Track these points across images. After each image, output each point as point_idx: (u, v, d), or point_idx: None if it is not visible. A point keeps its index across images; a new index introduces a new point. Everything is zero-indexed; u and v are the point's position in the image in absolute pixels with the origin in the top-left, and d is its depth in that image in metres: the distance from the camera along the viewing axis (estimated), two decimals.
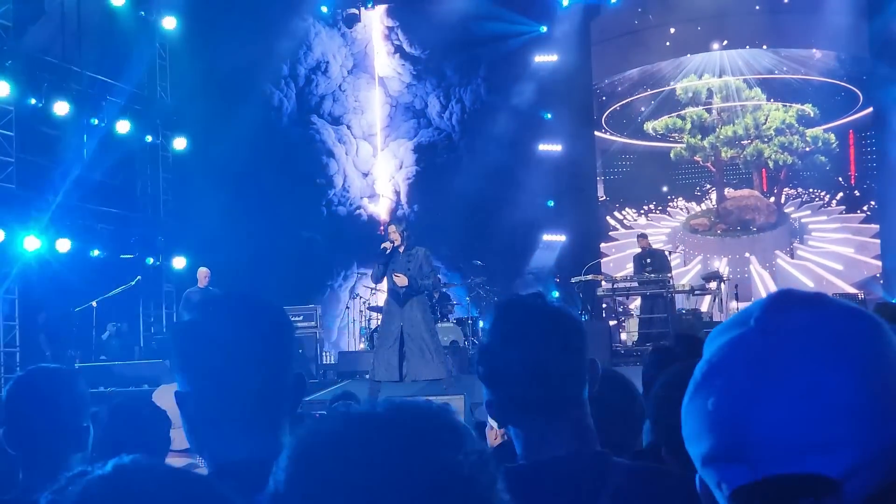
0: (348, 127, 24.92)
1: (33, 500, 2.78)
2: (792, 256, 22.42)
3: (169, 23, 20.95)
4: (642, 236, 18.44)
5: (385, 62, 25.02)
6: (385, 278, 12.34)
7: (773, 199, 22.87)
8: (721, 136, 23.15)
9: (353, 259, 24.41)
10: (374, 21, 25.05)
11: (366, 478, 1.09)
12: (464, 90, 24.01)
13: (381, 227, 24.28)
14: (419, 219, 23.92)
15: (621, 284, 17.90)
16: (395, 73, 24.95)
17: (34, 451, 2.86)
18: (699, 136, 23.30)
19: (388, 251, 12.05)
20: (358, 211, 24.71)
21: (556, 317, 2.23)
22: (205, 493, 1.30)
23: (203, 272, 16.71)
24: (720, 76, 23.18)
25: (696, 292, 18.57)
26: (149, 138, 20.85)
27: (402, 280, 11.94)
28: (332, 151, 24.68)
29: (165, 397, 3.44)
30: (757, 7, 22.61)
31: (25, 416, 2.90)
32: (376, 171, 24.85)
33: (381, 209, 24.66)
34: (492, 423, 5.68)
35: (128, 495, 1.22)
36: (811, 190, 22.57)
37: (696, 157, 23.35)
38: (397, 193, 24.67)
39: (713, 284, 18.27)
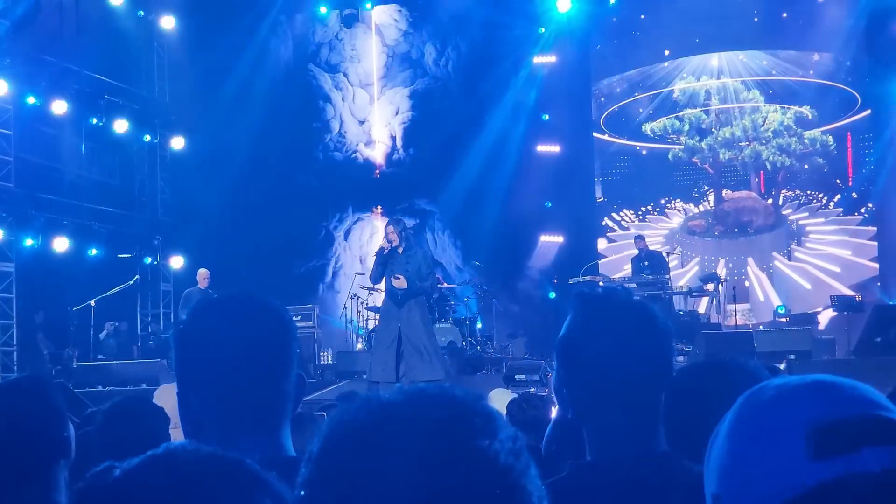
0: (345, 75, 24.92)
1: None
2: (789, 258, 22.43)
3: (167, 22, 20.98)
4: (640, 238, 18.45)
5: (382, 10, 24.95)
6: (383, 279, 12.34)
7: (770, 200, 22.88)
8: (719, 138, 23.16)
9: (349, 202, 24.38)
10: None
11: (399, 468, 1.08)
12: (461, 37, 23.91)
13: (377, 171, 24.33)
14: (413, 162, 24.01)
15: (607, 285, 17.87)
16: (391, 21, 24.93)
17: (10, 464, 2.84)
18: (697, 138, 23.30)
19: (387, 251, 12.03)
20: (354, 155, 24.68)
21: (644, 312, 2.23)
22: (249, 478, 1.30)
23: (203, 273, 16.71)
24: (718, 78, 23.18)
25: (694, 294, 18.59)
26: (147, 137, 20.87)
27: (401, 283, 11.92)
28: (328, 97, 24.65)
29: (166, 396, 3.45)
30: (755, 9, 22.59)
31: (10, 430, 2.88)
32: (373, 118, 24.81)
33: (376, 154, 24.63)
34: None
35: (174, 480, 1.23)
36: (809, 192, 22.58)
37: (694, 159, 23.36)
38: (393, 139, 24.64)
39: (711, 286, 18.29)
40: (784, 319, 19.37)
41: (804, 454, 1.15)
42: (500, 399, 5.59)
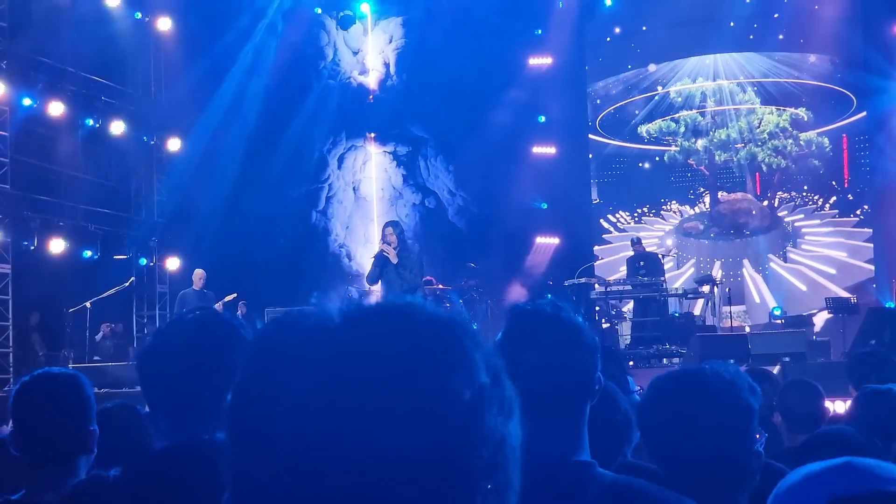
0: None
1: (38, 500, 2.83)
2: (785, 260, 22.47)
3: (163, 24, 20.96)
4: (636, 241, 18.46)
5: None
6: (379, 281, 12.38)
7: (766, 202, 22.92)
8: (715, 140, 23.20)
9: (342, 128, 24.36)
10: None
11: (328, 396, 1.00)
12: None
13: (371, 97, 24.30)
14: (406, 88, 23.99)
15: (614, 287, 17.91)
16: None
17: (39, 453, 2.90)
18: (693, 140, 23.34)
19: (387, 254, 12.10)
20: (348, 80, 24.64)
21: (569, 327, 2.29)
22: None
23: (199, 274, 16.71)
24: (714, 80, 23.22)
25: (690, 296, 18.60)
26: (143, 139, 20.85)
27: (391, 252, 12.03)
28: (323, 24, 24.62)
29: None
30: (751, 11, 22.62)
31: (31, 419, 2.94)
32: (366, 47, 24.75)
33: (370, 80, 24.58)
34: None
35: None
36: (805, 194, 22.61)
37: (690, 161, 23.39)
38: (387, 66, 24.62)
39: (706, 288, 18.30)
40: (779, 321, 19.39)
41: None
42: None
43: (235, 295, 16.95)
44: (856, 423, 4.34)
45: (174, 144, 21.23)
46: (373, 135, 24.20)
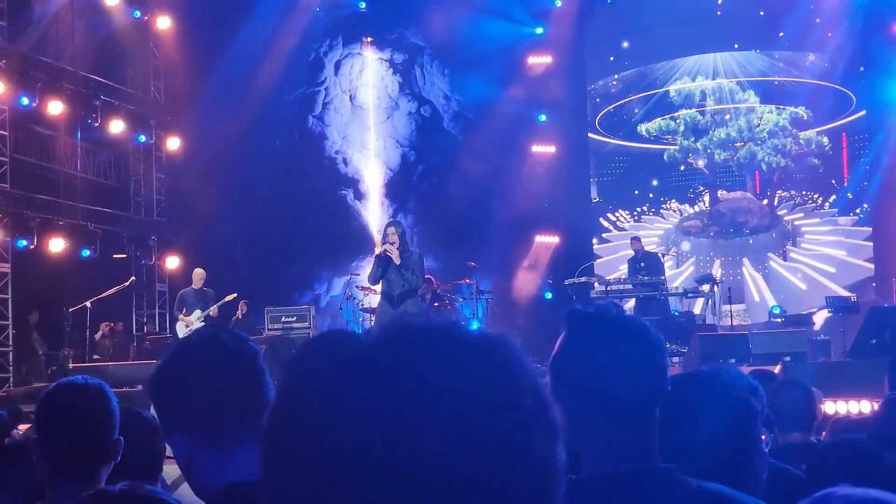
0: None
1: None
2: (785, 259, 22.46)
3: (163, 22, 20.94)
4: (636, 239, 18.46)
5: None
6: (381, 281, 12.39)
7: (766, 201, 22.92)
8: (714, 139, 23.19)
9: (339, 32, 24.35)
10: None
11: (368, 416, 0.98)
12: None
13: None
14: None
15: (615, 286, 17.90)
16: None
17: (62, 462, 2.89)
18: (692, 139, 23.33)
19: (388, 253, 12.10)
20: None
21: (636, 328, 2.24)
22: None
23: (198, 273, 16.71)
24: (714, 78, 23.21)
25: (690, 295, 18.61)
26: (142, 138, 20.84)
27: (394, 253, 12.04)
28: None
29: None
30: (750, 10, 22.62)
31: (55, 428, 2.93)
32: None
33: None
34: None
35: None
36: (804, 192, 22.61)
37: (690, 160, 23.39)
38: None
39: (706, 287, 18.30)
40: (779, 320, 19.37)
41: None
42: None
43: (235, 295, 16.94)
44: (880, 427, 4.26)
45: (173, 143, 21.23)
46: (369, 39, 24.18)
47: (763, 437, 2.63)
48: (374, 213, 24.58)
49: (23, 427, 6.14)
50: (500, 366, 1.04)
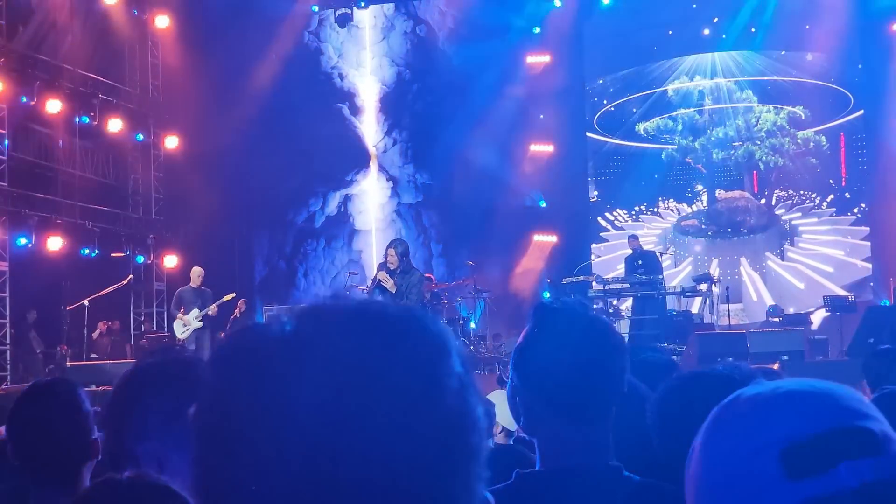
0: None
1: None
2: (783, 258, 22.47)
3: (161, 21, 20.95)
4: (633, 238, 18.47)
5: None
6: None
7: (763, 200, 22.91)
8: (712, 138, 23.19)
9: None
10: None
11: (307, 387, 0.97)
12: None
13: None
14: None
15: (613, 286, 17.92)
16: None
17: (41, 469, 2.88)
18: (690, 138, 23.33)
19: (383, 283, 12.09)
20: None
21: (599, 327, 2.26)
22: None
23: (197, 272, 16.71)
24: (712, 78, 23.21)
25: (687, 294, 18.61)
26: (140, 136, 20.84)
27: (388, 283, 11.99)
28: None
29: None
30: (749, 9, 22.62)
31: (29, 439, 2.91)
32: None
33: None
34: (499, 421, 5.70)
35: None
36: (802, 192, 22.61)
37: (688, 159, 23.38)
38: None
39: (704, 286, 18.31)
40: (777, 319, 19.38)
41: (780, 475, 1.12)
42: (499, 399, 5.54)
43: (234, 294, 16.95)
44: None
45: (172, 142, 21.23)
46: None
47: None
48: (370, 127, 24.90)
49: None
50: (433, 337, 1.05)
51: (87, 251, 18.78)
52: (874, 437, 1.13)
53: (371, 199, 24.97)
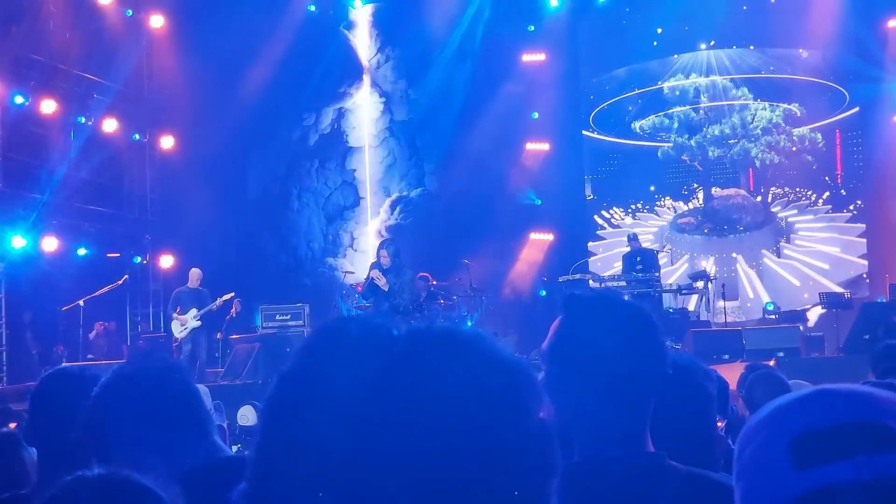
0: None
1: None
2: (779, 255, 22.47)
3: (156, 21, 20.93)
4: (634, 238, 18.46)
5: None
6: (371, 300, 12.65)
7: (759, 198, 22.92)
8: (708, 136, 23.19)
9: None
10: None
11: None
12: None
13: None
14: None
15: (609, 283, 17.93)
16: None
17: (54, 449, 2.87)
18: (686, 136, 23.33)
19: (377, 281, 12.28)
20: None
21: (637, 310, 2.26)
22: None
23: (195, 273, 16.71)
24: (707, 75, 23.21)
25: (684, 291, 18.63)
26: (136, 136, 20.82)
27: (381, 280, 12.13)
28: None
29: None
30: (744, 7, 22.63)
31: (48, 415, 2.91)
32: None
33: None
34: None
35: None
36: (798, 189, 22.61)
37: (684, 157, 23.38)
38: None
39: (700, 284, 18.32)
40: (773, 316, 19.41)
41: (789, 465, 1.16)
42: None
43: (233, 294, 16.95)
44: None
45: (167, 142, 21.22)
46: None
47: (720, 423, 2.65)
48: (363, 42, 24.98)
49: (12, 426, 6.12)
50: (526, 380, 1.17)
51: (82, 251, 18.76)
52: (892, 433, 1.15)
53: (364, 114, 24.97)
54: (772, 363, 12.06)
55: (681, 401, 2.51)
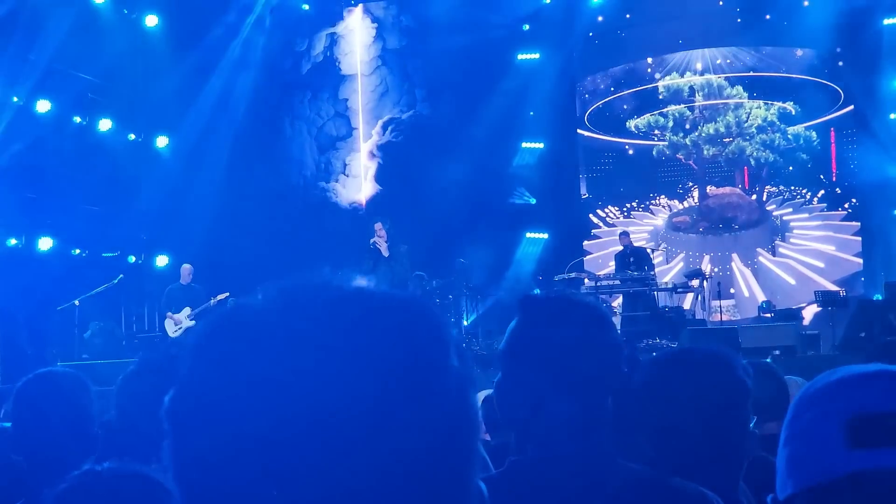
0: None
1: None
2: (774, 254, 22.49)
3: (151, 21, 20.92)
4: (625, 234, 18.48)
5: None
6: (373, 276, 12.58)
7: (754, 196, 22.94)
8: (703, 134, 23.20)
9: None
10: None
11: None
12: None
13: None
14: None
15: (604, 282, 17.94)
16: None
17: (41, 456, 2.78)
18: (681, 134, 23.34)
19: (378, 246, 12.37)
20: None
21: (598, 310, 2.29)
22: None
23: (186, 269, 16.73)
24: (702, 74, 23.22)
25: (679, 290, 18.64)
26: (131, 136, 20.80)
27: (382, 245, 12.28)
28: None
29: None
30: (738, 6, 22.65)
31: (31, 421, 2.82)
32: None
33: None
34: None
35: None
36: (793, 187, 22.63)
37: (679, 155, 23.39)
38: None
39: (695, 282, 18.35)
40: (769, 315, 19.42)
41: (842, 442, 1.17)
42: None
43: (228, 294, 16.94)
44: None
45: (162, 141, 21.20)
46: None
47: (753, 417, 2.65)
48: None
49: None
50: (438, 323, 1.02)
51: (77, 251, 18.74)
52: None
53: (357, 40, 24.92)
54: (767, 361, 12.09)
55: (718, 393, 2.54)
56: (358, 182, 24.61)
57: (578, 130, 24.01)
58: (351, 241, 22.50)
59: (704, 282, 18.36)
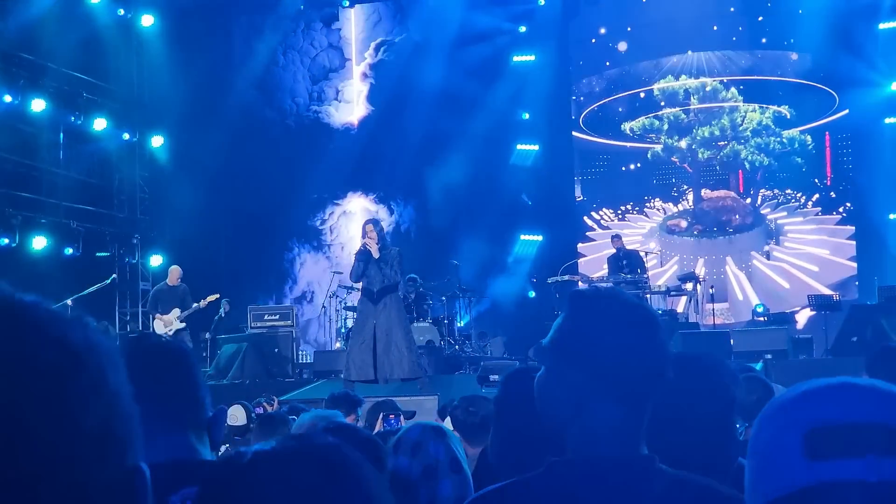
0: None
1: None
2: (768, 258, 22.50)
3: (147, 20, 20.91)
4: (617, 237, 18.49)
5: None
6: (363, 278, 12.57)
7: (749, 200, 22.96)
8: (698, 137, 23.22)
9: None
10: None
11: None
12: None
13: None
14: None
15: (597, 285, 17.91)
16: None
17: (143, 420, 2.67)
18: (676, 137, 23.36)
19: (367, 247, 12.32)
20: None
21: (646, 310, 2.25)
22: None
23: (175, 270, 16.69)
24: (697, 77, 23.24)
25: (673, 293, 18.64)
26: (126, 136, 20.78)
27: (373, 247, 12.28)
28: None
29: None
30: (733, 9, 22.68)
31: (138, 384, 2.71)
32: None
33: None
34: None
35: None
36: (787, 191, 22.66)
37: (674, 158, 23.41)
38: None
39: (689, 285, 18.34)
40: (762, 319, 19.43)
41: (801, 454, 1.17)
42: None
43: (218, 295, 16.94)
44: None
45: (157, 141, 21.18)
46: None
47: (738, 426, 2.64)
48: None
49: None
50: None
51: (71, 251, 18.72)
52: None
53: None
54: (758, 367, 12.09)
55: (705, 401, 2.52)
56: (350, 106, 24.77)
57: (573, 133, 24.02)
58: (343, 162, 22.84)
59: (698, 285, 18.36)
